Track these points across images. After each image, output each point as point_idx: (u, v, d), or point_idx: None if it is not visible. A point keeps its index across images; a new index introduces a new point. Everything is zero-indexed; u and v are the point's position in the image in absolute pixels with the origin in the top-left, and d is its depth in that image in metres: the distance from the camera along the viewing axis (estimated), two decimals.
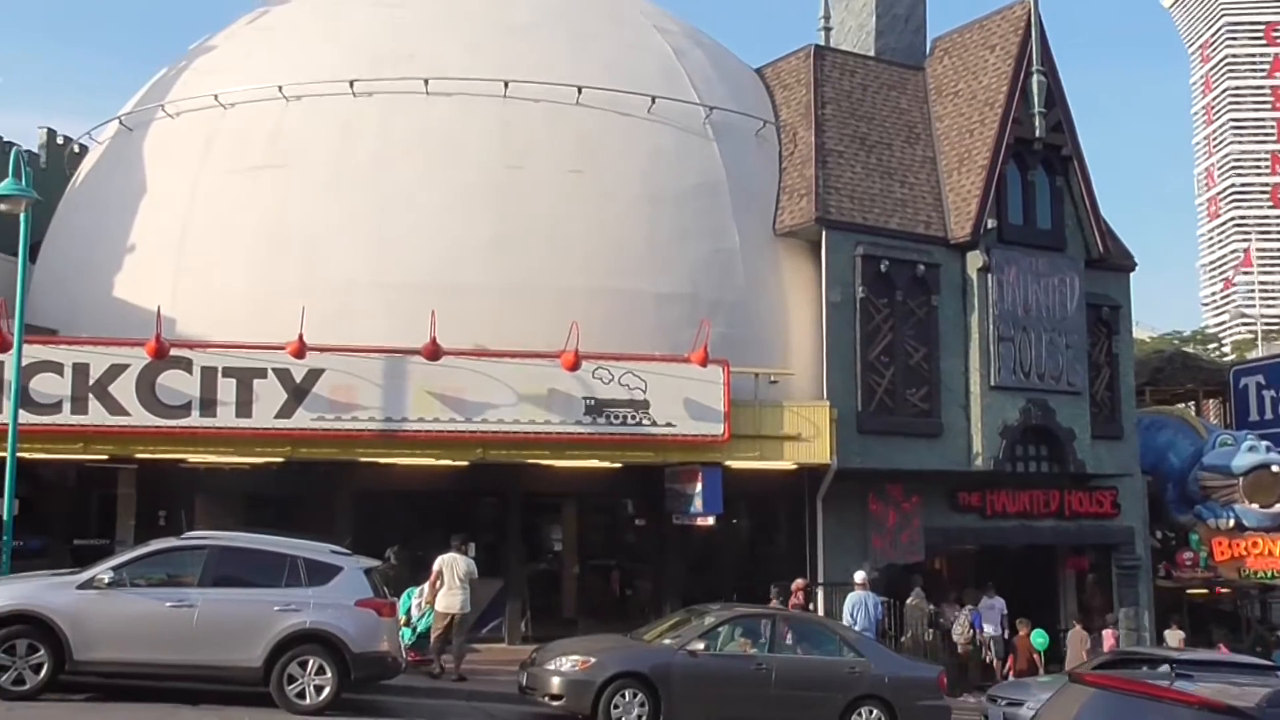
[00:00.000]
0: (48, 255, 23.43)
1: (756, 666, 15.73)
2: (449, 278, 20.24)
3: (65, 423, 18.16)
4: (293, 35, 23.91)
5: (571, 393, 19.18)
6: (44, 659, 13.35)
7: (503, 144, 21.52)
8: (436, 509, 20.73)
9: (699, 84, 23.66)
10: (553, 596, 21.95)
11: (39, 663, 13.34)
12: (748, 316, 21.93)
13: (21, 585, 14.16)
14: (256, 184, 21.37)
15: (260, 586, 14.15)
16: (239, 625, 13.82)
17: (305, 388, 18.54)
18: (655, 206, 21.90)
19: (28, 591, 13.83)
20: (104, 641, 13.53)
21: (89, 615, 13.54)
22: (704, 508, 19.76)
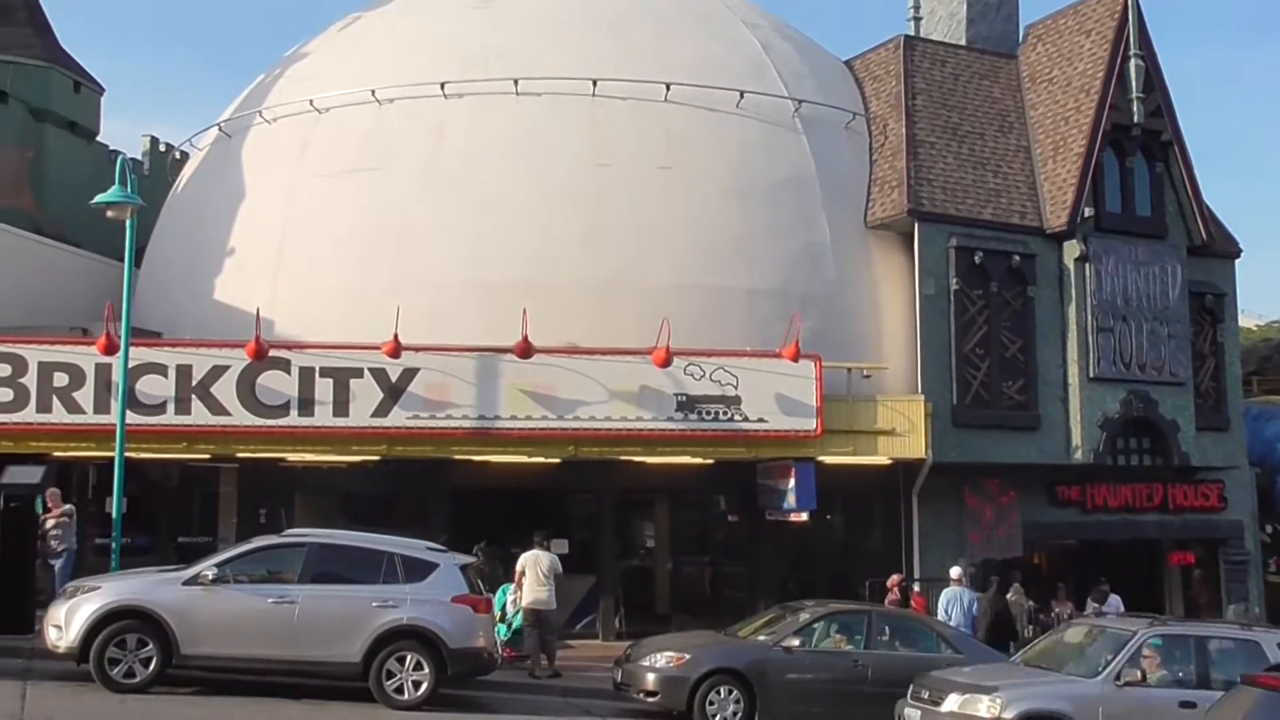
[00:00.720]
0: (152, 260, 24.01)
1: (853, 663, 15.58)
2: (540, 276, 20.36)
3: (169, 423, 18.55)
4: (384, 40, 24.21)
5: (663, 389, 19.17)
6: (152, 653, 13.65)
7: (592, 142, 21.59)
8: (530, 506, 20.82)
9: (787, 78, 23.52)
10: (646, 593, 21.95)
11: (148, 657, 13.64)
12: (839, 310, 21.76)
13: (130, 581, 14.52)
14: (351, 186, 21.68)
15: (358, 583, 14.33)
16: (338, 621, 14.01)
17: (400, 387, 18.75)
18: (745, 201, 21.82)
19: (136, 587, 14.17)
20: (209, 636, 13.81)
21: (194, 611, 13.82)
22: (797, 503, 19.63)
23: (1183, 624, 15.04)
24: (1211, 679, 13.28)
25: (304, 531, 15.84)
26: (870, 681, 15.42)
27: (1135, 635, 13.60)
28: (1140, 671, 13.14)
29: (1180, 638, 14.01)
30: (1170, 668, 13.63)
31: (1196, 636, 13.92)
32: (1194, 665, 13.54)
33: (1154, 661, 13.60)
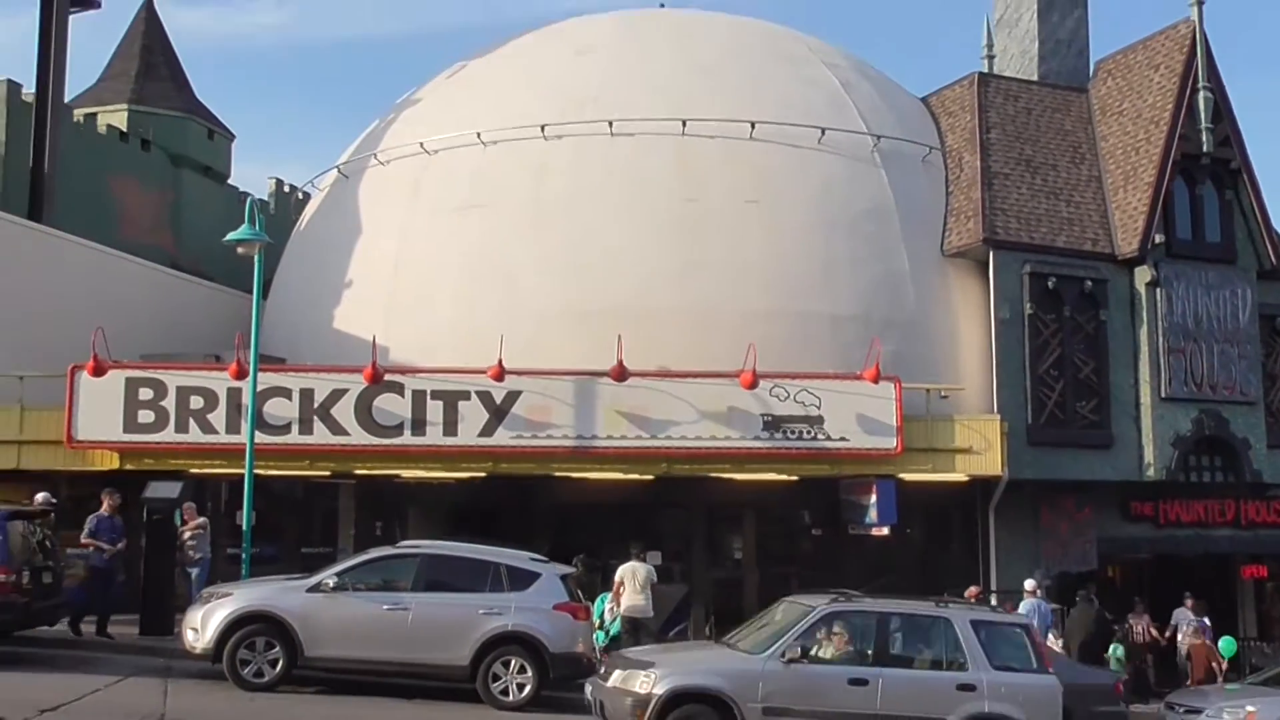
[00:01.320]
0: (277, 292, 24.53)
1: None
2: (635, 304, 20.46)
3: (293, 442, 18.90)
4: (489, 85, 24.55)
5: (750, 410, 19.12)
6: (279, 655, 13.94)
7: (682, 178, 21.68)
8: (625, 520, 20.87)
9: (866, 114, 23.42)
10: (735, 601, 21.84)
11: (275, 658, 13.94)
12: (918, 334, 21.56)
13: (259, 588, 14.84)
14: (460, 223, 21.99)
15: (467, 591, 14.48)
16: (448, 627, 14.16)
17: (505, 408, 18.92)
18: (828, 232, 21.75)
19: (265, 594, 14.48)
20: (330, 640, 14.05)
21: (317, 616, 14.08)
22: (879, 518, 19.46)
23: (868, 600, 13.37)
24: (894, 656, 12.59)
25: (416, 543, 16.06)
26: None
27: (812, 611, 12.69)
28: (802, 648, 12.20)
29: (863, 614, 12.86)
30: (855, 645, 12.61)
31: (879, 613, 12.84)
32: (874, 642, 12.55)
33: (841, 639, 12.67)
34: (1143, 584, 23.68)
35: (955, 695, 12.21)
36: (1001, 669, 12.47)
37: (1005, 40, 26.46)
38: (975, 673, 12.32)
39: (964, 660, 12.40)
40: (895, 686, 12.19)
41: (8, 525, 14.45)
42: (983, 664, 12.38)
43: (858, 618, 12.86)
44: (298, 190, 36.01)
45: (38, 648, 15.57)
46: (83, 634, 16.49)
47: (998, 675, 12.36)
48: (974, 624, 12.65)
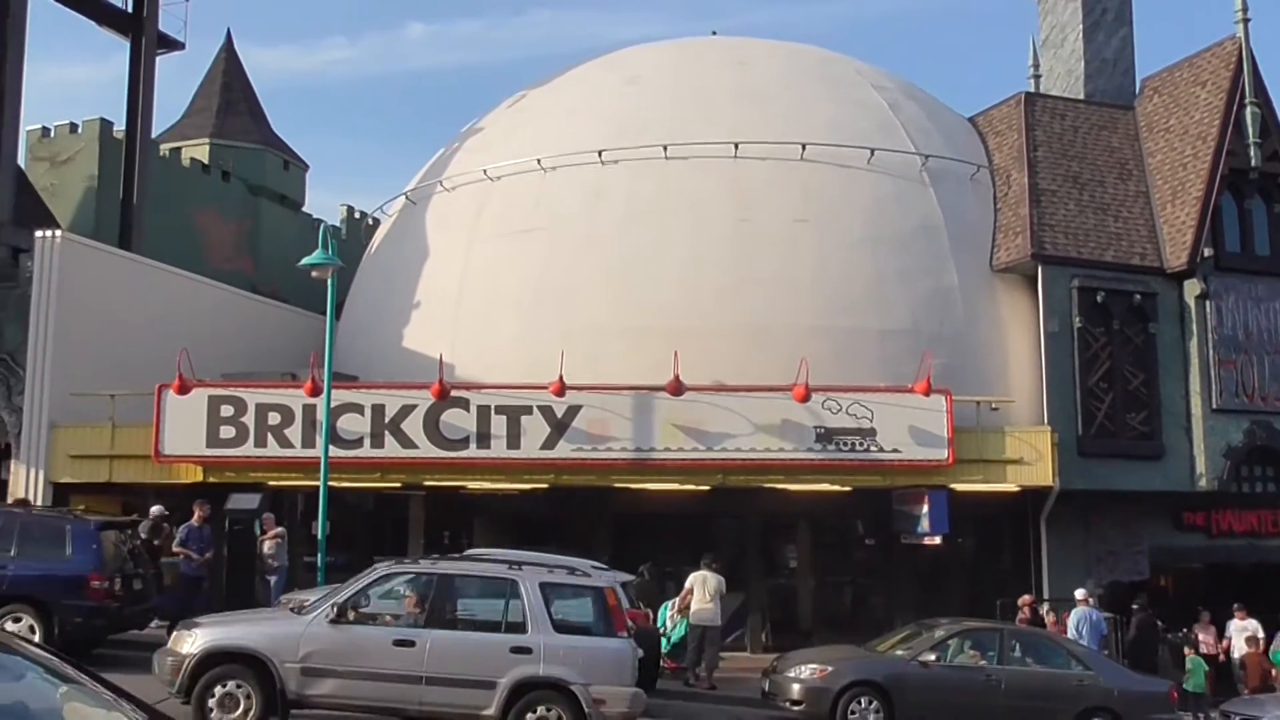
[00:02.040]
0: (349, 313, 24.94)
1: (986, 677, 15.27)
2: (690, 321, 20.58)
3: (365, 456, 19.17)
4: (548, 114, 24.85)
5: (803, 422, 19.12)
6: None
7: (734, 199, 21.80)
8: (683, 529, 20.96)
9: (914, 135, 23.40)
10: (790, 609, 21.83)
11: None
12: (968, 348, 21.45)
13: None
14: (521, 245, 22.26)
15: None
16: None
17: (565, 422, 19.08)
18: (877, 249, 21.73)
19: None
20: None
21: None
22: (931, 528, 19.33)
23: (429, 562, 12.70)
24: (450, 618, 11.76)
25: (483, 551, 16.18)
26: (1004, 695, 15.11)
27: (367, 573, 12.21)
28: (340, 607, 11.59)
29: (424, 575, 12.13)
30: (418, 606, 11.87)
31: (440, 575, 12.02)
32: (430, 604, 11.74)
33: (411, 600, 12.00)
34: (1195, 594, 23.27)
35: (509, 657, 11.42)
36: (567, 632, 11.71)
37: (1051, 60, 26.30)
38: (534, 636, 11.52)
39: (525, 623, 11.62)
40: (444, 648, 11.41)
41: (101, 535, 14.83)
42: (545, 627, 11.58)
43: (420, 579, 12.18)
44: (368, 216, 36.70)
45: (133, 650, 15.94)
46: None
47: (558, 638, 11.55)
48: (543, 587, 11.84)
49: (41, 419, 20.16)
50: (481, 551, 16.01)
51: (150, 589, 16.21)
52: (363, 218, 37.87)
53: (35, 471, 20.04)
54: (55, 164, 30.26)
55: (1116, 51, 25.72)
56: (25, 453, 20.21)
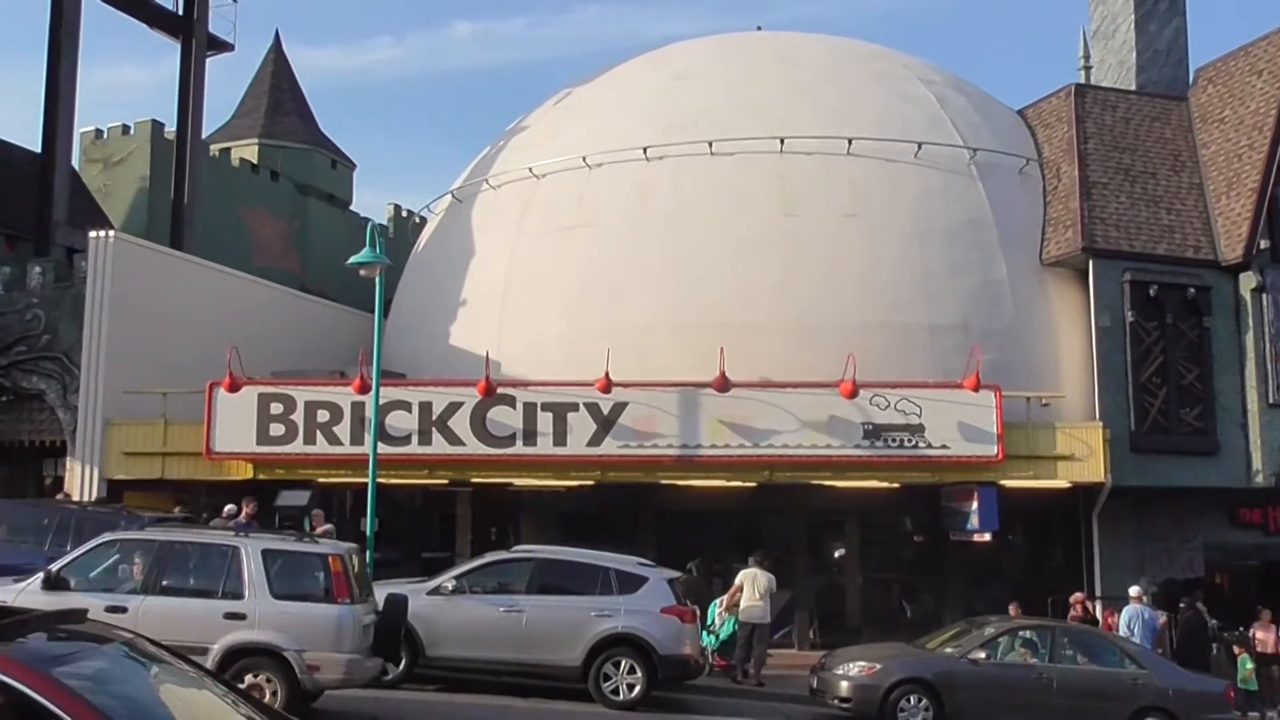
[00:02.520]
0: (396, 311, 25.07)
1: (1037, 676, 15.05)
2: (736, 317, 20.48)
3: (413, 453, 19.25)
4: (592, 111, 24.83)
5: (850, 419, 18.96)
6: (402, 655, 14.18)
7: (780, 195, 21.67)
8: (730, 525, 20.87)
9: (962, 128, 23.15)
10: (838, 606, 21.68)
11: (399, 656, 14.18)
12: (1017, 343, 21.19)
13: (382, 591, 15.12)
14: (566, 242, 22.26)
15: (578, 594, 14.59)
16: (561, 628, 14.29)
17: (612, 419, 19.05)
18: (925, 244, 21.52)
19: None
20: (449, 640, 14.27)
21: (436, 618, 14.32)
22: (980, 524, 19.12)
23: (154, 528, 12.94)
24: (168, 585, 11.63)
25: (530, 548, 16.28)
26: (1055, 693, 14.88)
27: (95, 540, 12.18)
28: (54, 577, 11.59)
29: (146, 541, 12.16)
30: (142, 574, 11.78)
31: (163, 541, 12.04)
32: (148, 570, 11.72)
33: (135, 567, 11.94)
34: (1252, 592, 22.85)
35: (222, 623, 11.37)
36: (286, 599, 11.59)
37: (1102, 51, 25.95)
38: (249, 602, 11.47)
39: (242, 590, 11.58)
40: (154, 614, 11.16)
41: None
42: (263, 594, 11.51)
43: (141, 545, 12.18)
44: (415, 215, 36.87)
45: None
46: None
47: (276, 605, 11.47)
48: (265, 554, 11.77)
49: (96, 416, 20.43)
50: (530, 548, 16.06)
51: None
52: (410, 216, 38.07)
53: (90, 468, 20.31)
54: (108, 165, 30.68)
55: (1169, 41, 25.33)
56: (80, 450, 20.50)
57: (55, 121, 25.44)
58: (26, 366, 21.72)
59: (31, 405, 21.80)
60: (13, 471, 22.44)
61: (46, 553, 14.46)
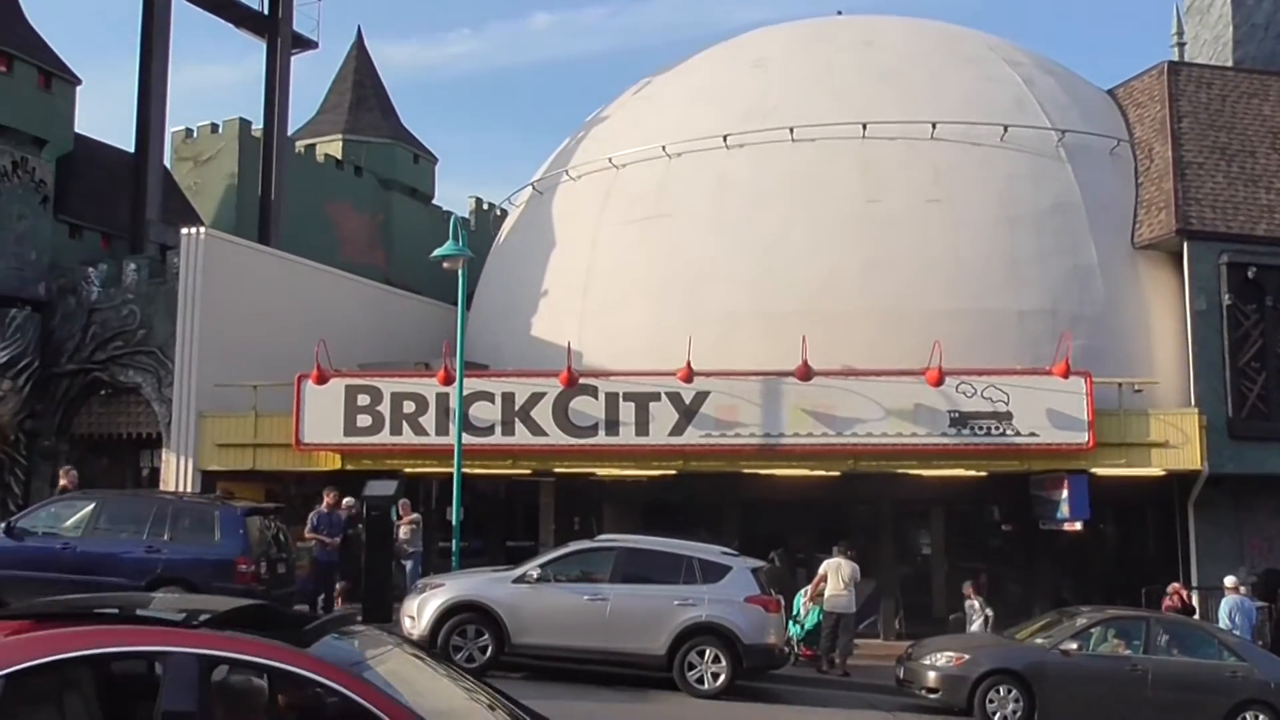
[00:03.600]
0: (478, 303, 25.33)
1: (1131, 668, 14.74)
2: (819, 305, 20.35)
3: (497, 443, 19.42)
4: (672, 100, 24.81)
5: (936, 406, 18.73)
6: (488, 642, 14.41)
7: (863, 180, 21.46)
8: (813, 515, 20.77)
9: (1050, 110, 22.71)
10: (923, 596, 21.46)
11: (484, 645, 14.42)
12: (1109, 328, 20.76)
13: (469, 579, 15.37)
14: (647, 232, 22.30)
15: (661, 584, 14.66)
16: (645, 617, 14.36)
17: (693, 409, 19.04)
18: (1012, 229, 21.17)
19: (474, 585, 14.99)
20: (534, 628, 14.43)
21: (522, 606, 14.48)
22: (1071, 513, 18.75)
23: None
24: None
25: (613, 537, 16.35)
26: (1150, 686, 14.56)
27: None
28: None
29: None
30: None
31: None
32: None
33: None
34: None
35: None
36: None
37: (1196, 27, 25.29)
38: None
39: None
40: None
41: (246, 521, 15.37)
42: None
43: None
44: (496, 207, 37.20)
45: None
46: None
47: None
48: None
49: (189, 409, 20.98)
50: (613, 537, 16.15)
51: (293, 573, 16.73)
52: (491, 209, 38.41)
53: (185, 459, 20.88)
54: (198, 163, 31.41)
55: (1268, 15, 24.60)
56: (175, 442, 21.08)
57: (148, 122, 26.12)
58: (123, 361, 22.42)
59: (129, 399, 22.50)
60: (112, 463, 23.16)
61: (145, 542, 14.99)
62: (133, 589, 14.66)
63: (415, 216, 35.90)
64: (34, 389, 22.74)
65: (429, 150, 37.92)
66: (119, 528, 15.41)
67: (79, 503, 16.05)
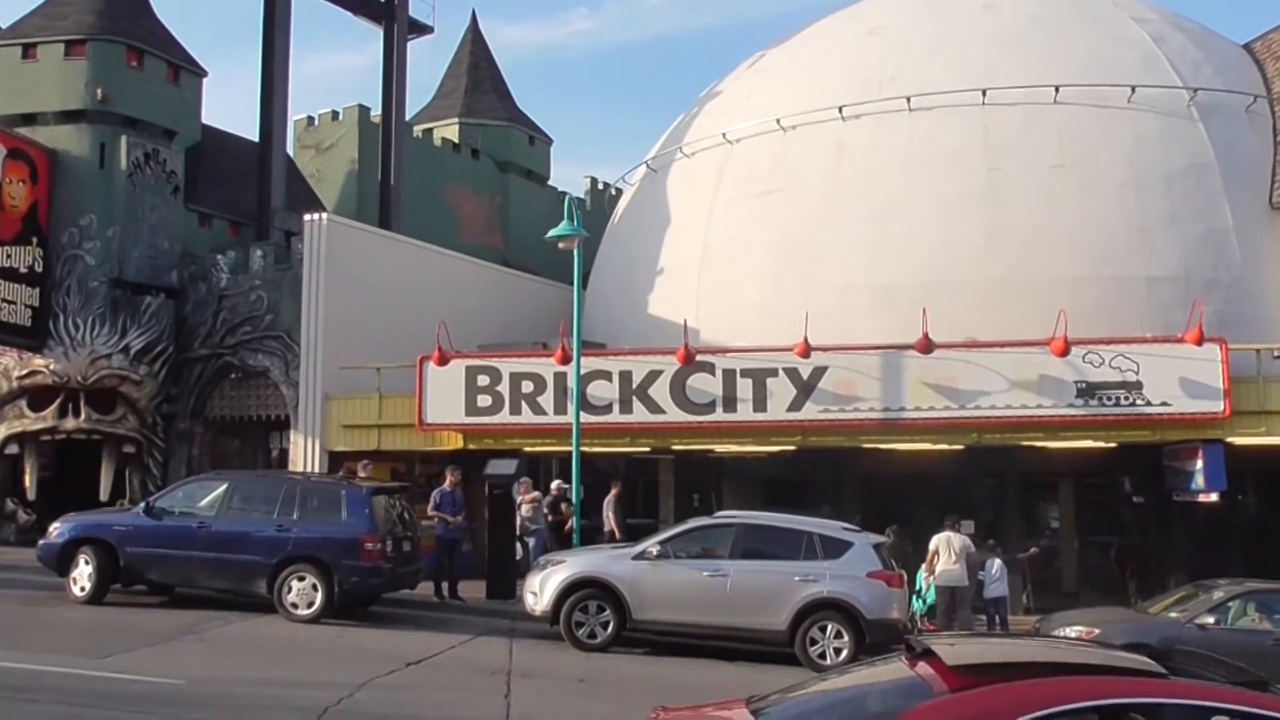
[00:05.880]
0: (594, 282, 25.49)
1: (1275, 642, 14.20)
2: (939, 276, 20.01)
3: (615, 421, 19.52)
4: (786, 73, 24.57)
5: (1062, 377, 18.25)
6: (609, 618, 14.57)
7: (984, 148, 21.01)
8: (936, 489, 20.42)
9: (1181, 68, 21.88)
10: (1052, 570, 20.98)
11: (606, 620, 14.58)
12: (1245, 293, 19.99)
13: (590, 556, 15.55)
14: (762, 207, 22.15)
15: (782, 559, 14.62)
16: (765, 593, 14.36)
17: (811, 384, 18.89)
18: (1141, 192, 20.49)
19: (595, 561, 15.17)
20: (655, 604, 14.54)
21: (642, 582, 14.60)
22: (1206, 484, 18.10)
23: None
24: None
25: (732, 513, 16.35)
26: None
27: None
28: None
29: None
30: None
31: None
32: None
33: None
34: None
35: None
36: None
37: None
38: None
39: None
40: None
41: (373, 500, 15.77)
42: None
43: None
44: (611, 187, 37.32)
45: (403, 608, 16.95)
46: (444, 597, 17.76)
47: None
48: None
49: (316, 391, 21.57)
50: (733, 514, 16.16)
51: (418, 551, 17.13)
52: (606, 188, 38.55)
53: (312, 440, 21.48)
54: (320, 151, 32.16)
55: None
56: (303, 423, 21.70)
57: (271, 111, 26.84)
58: (252, 345, 23.16)
59: (258, 382, 23.25)
60: (243, 445, 23.97)
61: (275, 521, 15.50)
62: (265, 566, 15.26)
63: (532, 198, 36.25)
64: (169, 374, 23.65)
65: (544, 132, 38.21)
66: (251, 507, 15.98)
67: (213, 483, 16.69)
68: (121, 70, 23.71)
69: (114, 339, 23.06)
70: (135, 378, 23.16)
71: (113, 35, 23.78)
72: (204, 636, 13.74)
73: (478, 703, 11.06)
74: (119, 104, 23.53)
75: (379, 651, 13.20)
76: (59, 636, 13.41)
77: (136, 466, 23.51)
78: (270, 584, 15.29)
